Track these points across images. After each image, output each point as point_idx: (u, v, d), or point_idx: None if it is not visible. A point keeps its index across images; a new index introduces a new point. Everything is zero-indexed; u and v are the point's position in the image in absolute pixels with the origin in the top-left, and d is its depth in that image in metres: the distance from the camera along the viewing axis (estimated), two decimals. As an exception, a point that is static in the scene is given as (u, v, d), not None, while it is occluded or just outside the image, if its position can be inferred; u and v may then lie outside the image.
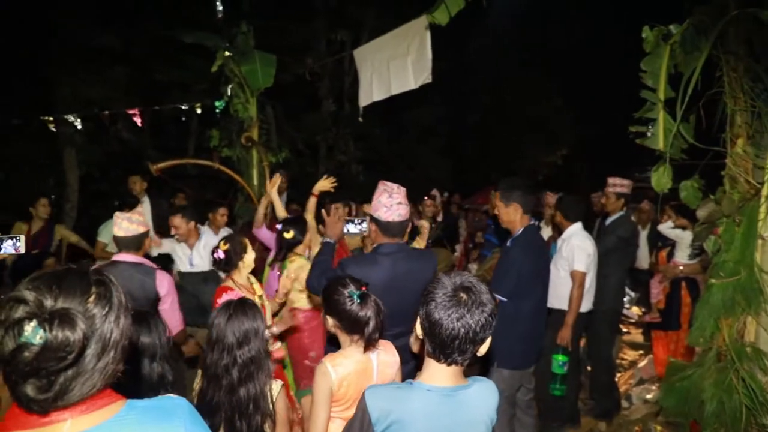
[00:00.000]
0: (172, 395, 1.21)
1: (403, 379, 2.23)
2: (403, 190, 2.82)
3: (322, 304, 2.21)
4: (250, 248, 3.33)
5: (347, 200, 6.01)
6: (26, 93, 8.11)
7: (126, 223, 3.07)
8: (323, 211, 3.27)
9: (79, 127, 7.21)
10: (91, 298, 0.99)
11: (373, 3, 11.37)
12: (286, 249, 3.73)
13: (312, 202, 4.23)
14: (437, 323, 1.49)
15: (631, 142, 3.39)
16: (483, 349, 1.56)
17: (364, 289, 2.10)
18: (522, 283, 3.17)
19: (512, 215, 3.29)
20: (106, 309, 1.00)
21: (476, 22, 12.12)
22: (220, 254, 3.21)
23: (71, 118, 6.91)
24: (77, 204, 8.24)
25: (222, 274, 3.58)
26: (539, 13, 14.70)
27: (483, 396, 1.63)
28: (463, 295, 1.50)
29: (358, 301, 2.05)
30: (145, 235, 3.19)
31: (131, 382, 1.84)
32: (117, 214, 3.17)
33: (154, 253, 4.13)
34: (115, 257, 3.17)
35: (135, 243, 3.10)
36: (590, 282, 4.12)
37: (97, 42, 8.09)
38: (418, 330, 1.61)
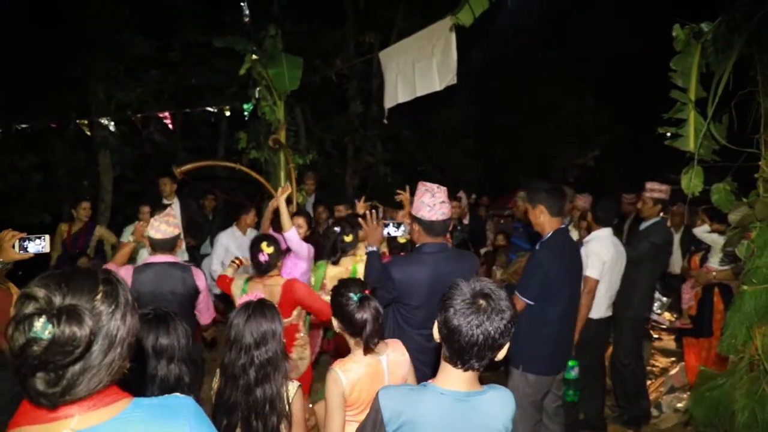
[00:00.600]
0: (178, 394, 1.23)
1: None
2: (444, 189, 2.88)
3: (331, 306, 2.25)
4: None
5: (351, 202, 6.06)
6: (62, 97, 8.39)
7: (164, 226, 3.27)
8: (360, 219, 3.29)
9: (113, 130, 7.41)
10: (99, 296, 1.02)
11: (402, 4, 11.36)
12: (341, 252, 3.84)
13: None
14: (456, 330, 1.48)
15: (662, 143, 3.31)
16: (501, 355, 1.55)
17: (366, 292, 2.11)
18: (549, 287, 3.11)
19: (539, 217, 3.25)
20: (113, 307, 1.03)
21: (504, 20, 11.99)
22: (265, 257, 3.26)
23: (106, 122, 7.11)
24: (111, 204, 8.47)
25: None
26: (569, 12, 14.45)
27: (498, 404, 1.62)
28: (482, 302, 1.49)
29: (357, 303, 2.07)
30: (179, 236, 3.38)
31: (146, 382, 1.89)
32: (154, 217, 3.36)
33: (179, 255, 4.20)
34: (150, 258, 3.35)
35: (170, 244, 3.30)
36: (606, 289, 4.03)
37: (131, 47, 8.30)
38: (436, 335, 1.60)
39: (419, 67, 4.90)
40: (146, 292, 3.12)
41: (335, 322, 2.19)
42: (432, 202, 2.79)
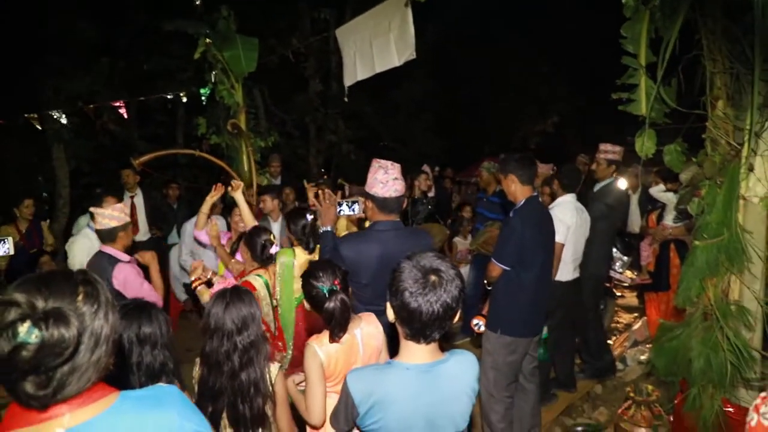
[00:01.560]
0: (162, 384, 1.26)
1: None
2: (397, 166, 2.88)
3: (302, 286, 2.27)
4: None
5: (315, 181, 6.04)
6: (9, 92, 8.03)
7: (100, 218, 3.34)
8: (313, 198, 3.28)
9: (65, 122, 7.16)
10: (80, 297, 1.03)
11: (355, -21, 11.20)
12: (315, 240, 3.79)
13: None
14: (416, 311, 1.52)
15: (617, 106, 3.42)
16: (455, 318, 1.61)
17: (336, 283, 2.13)
18: (524, 253, 3.22)
19: (510, 186, 3.33)
20: (95, 307, 1.05)
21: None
22: (274, 249, 3.32)
23: (56, 114, 6.86)
24: (69, 199, 8.23)
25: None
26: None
27: (461, 368, 1.69)
28: (434, 277, 1.54)
29: (326, 295, 2.10)
30: (119, 228, 3.37)
31: (133, 370, 1.92)
32: (93, 209, 3.45)
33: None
34: (99, 247, 3.46)
35: (109, 235, 3.36)
36: (572, 252, 4.19)
37: (79, 35, 7.97)
38: (391, 317, 1.64)
39: (377, 44, 4.88)
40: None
41: (306, 303, 2.23)
42: (385, 178, 2.79)
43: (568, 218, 4.09)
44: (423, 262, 1.57)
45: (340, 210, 3.21)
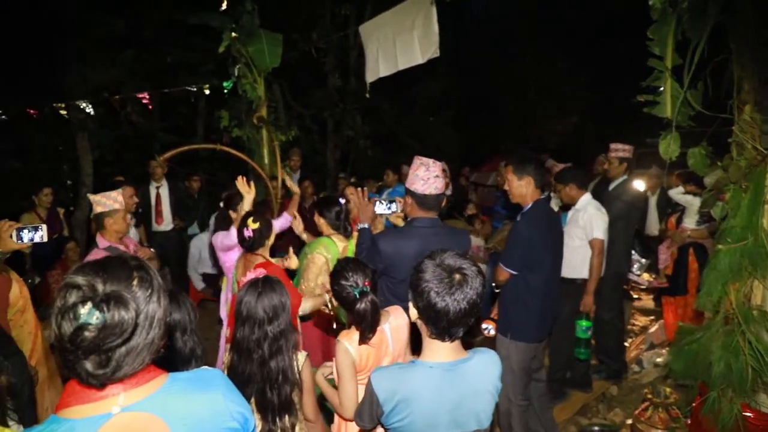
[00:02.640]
0: (207, 367, 1.32)
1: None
2: (439, 164, 2.89)
3: (330, 284, 2.30)
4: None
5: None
6: (37, 82, 8.18)
7: (93, 204, 3.45)
8: (351, 196, 3.24)
9: (91, 112, 7.28)
10: (135, 282, 1.09)
11: (376, -25, 11.20)
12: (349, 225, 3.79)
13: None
14: (443, 310, 1.55)
15: (640, 108, 3.42)
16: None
17: (367, 284, 2.16)
18: (532, 257, 3.20)
19: (524, 189, 3.30)
20: (149, 291, 1.10)
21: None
22: (250, 233, 3.17)
23: (82, 104, 6.98)
24: (93, 188, 8.38)
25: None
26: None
27: (485, 366, 1.71)
28: (458, 276, 1.57)
29: (357, 296, 2.13)
30: (105, 214, 3.44)
31: (168, 356, 1.98)
32: (90, 195, 3.53)
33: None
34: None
35: (97, 221, 3.48)
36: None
37: (106, 26, 8.09)
38: (414, 316, 1.68)
39: (400, 41, 4.90)
40: None
41: (334, 300, 2.27)
42: (426, 175, 2.80)
43: (605, 214, 4.11)
44: (447, 261, 1.61)
45: (378, 208, 3.19)
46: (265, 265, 3.14)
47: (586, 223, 4.06)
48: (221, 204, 4.44)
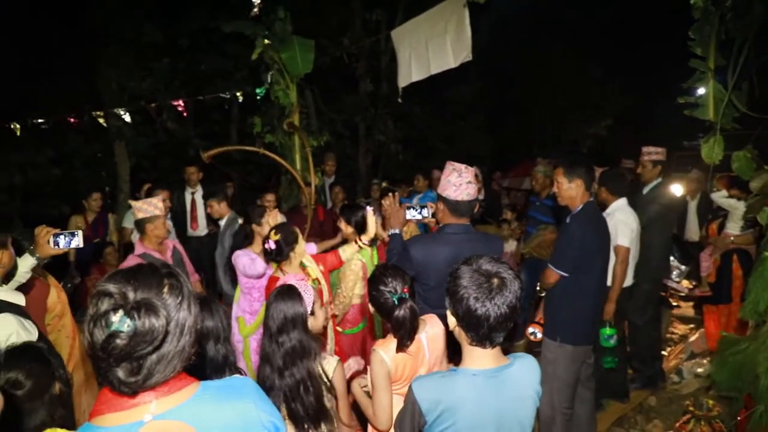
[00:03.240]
0: (238, 375, 1.32)
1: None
2: (471, 170, 2.86)
3: (368, 291, 2.27)
4: (300, 237, 3.35)
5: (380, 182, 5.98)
6: (75, 90, 8.45)
7: (134, 210, 3.66)
8: (383, 201, 3.24)
9: (128, 119, 7.48)
10: (165, 289, 1.09)
11: (408, -20, 11.22)
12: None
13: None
14: (484, 316, 1.53)
15: (677, 110, 3.32)
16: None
17: (406, 290, 2.13)
18: (583, 259, 3.13)
19: (574, 191, 3.23)
20: (180, 298, 1.11)
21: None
22: (272, 245, 3.19)
23: (120, 112, 7.18)
24: (129, 194, 8.60)
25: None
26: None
27: (526, 372, 1.69)
28: (497, 280, 1.55)
29: (395, 303, 2.11)
30: (146, 220, 3.63)
31: (200, 363, 1.99)
32: (131, 201, 3.77)
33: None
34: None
35: (138, 227, 3.71)
36: (632, 257, 4.07)
37: (143, 37, 8.32)
38: (452, 323, 1.65)
39: (432, 45, 4.89)
40: None
41: (372, 308, 2.24)
42: (458, 182, 2.78)
43: (632, 221, 3.99)
44: (484, 266, 1.58)
45: (410, 213, 3.17)
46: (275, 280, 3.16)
47: (612, 229, 3.93)
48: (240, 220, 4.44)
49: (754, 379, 2.93)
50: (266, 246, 3.23)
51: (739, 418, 3.14)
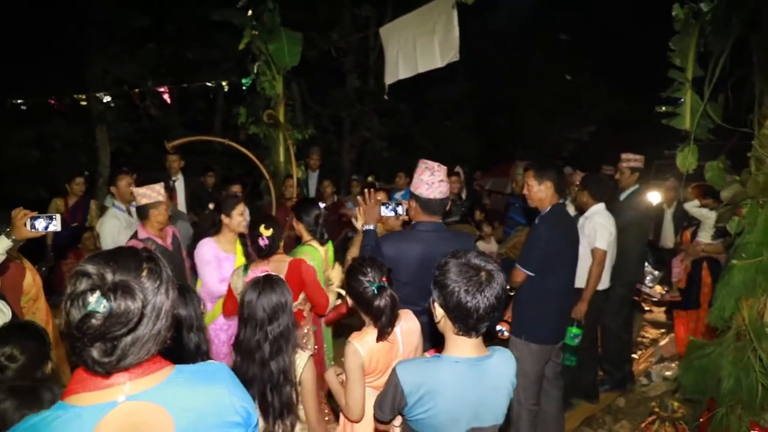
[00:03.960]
0: (213, 361, 1.34)
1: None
2: (444, 168, 2.89)
3: (345, 283, 2.29)
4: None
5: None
6: (59, 73, 8.32)
7: (137, 196, 3.62)
8: (358, 197, 3.23)
9: (111, 104, 7.39)
10: (144, 273, 1.11)
11: (397, -23, 11.23)
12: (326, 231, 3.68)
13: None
14: (474, 308, 1.59)
15: (659, 118, 3.39)
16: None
17: (384, 280, 2.16)
18: (549, 259, 3.21)
19: (543, 193, 3.32)
20: (158, 282, 1.12)
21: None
22: (265, 241, 3.09)
23: (103, 96, 7.08)
24: (109, 179, 8.51)
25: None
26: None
27: (503, 363, 1.76)
28: (484, 273, 1.62)
29: (375, 292, 2.13)
30: (150, 206, 3.60)
31: (173, 351, 2.00)
32: (134, 188, 3.70)
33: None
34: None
35: (141, 213, 3.66)
36: (609, 260, 4.16)
37: (130, 22, 8.21)
38: (439, 315, 1.70)
39: (420, 44, 4.93)
40: None
41: (350, 301, 2.26)
42: (431, 180, 2.81)
43: (611, 225, 4.09)
44: (472, 260, 1.65)
45: (384, 210, 3.15)
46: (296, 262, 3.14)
47: (591, 232, 4.05)
48: (211, 206, 4.13)
49: (717, 382, 3.02)
50: (261, 243, 3.11)
51: (701, 419, 3.23)
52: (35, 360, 1.85)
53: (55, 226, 2.83)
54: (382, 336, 2.14)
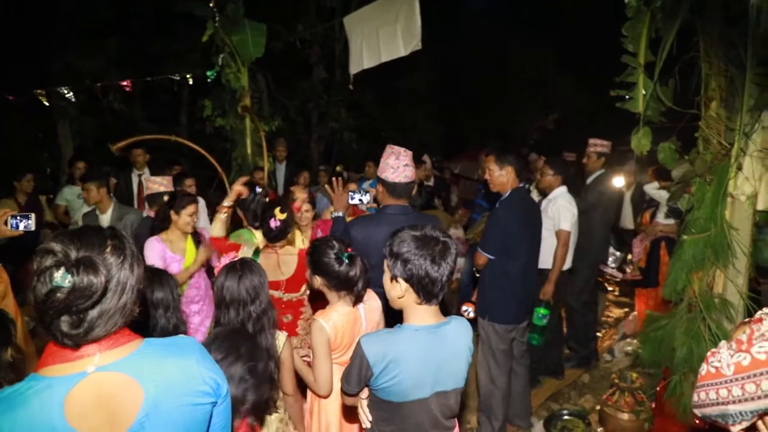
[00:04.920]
0: (183, 335, 1.39)
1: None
2: (409, 153, 2.98)
3: (309, 265, 2.35)
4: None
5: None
6: (18, 68, 8.08)
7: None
8: (327, 186, 3.30)
9: (72, 99, 7.22)
10: (108, 249, 1.15)
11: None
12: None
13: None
14: (426, 276, 1.69)
15: (616, 106, 3.52)
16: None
17: (349, 250, 2.25)
18: (509, 242, 3.32)
19: (504, 178, 3.43)
20: (121, 258, 1.17)
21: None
22: (276, 223, 3.06)
23: (64, 91, 6.92)
24: (71, 176, 8.33)
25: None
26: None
27: (461, 330, 1.86)
28: (441, 245, 1.72)
29: (347, 262, 2.21)
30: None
31: (149, 332, 2.04)
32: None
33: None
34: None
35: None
36: (572, 242, 4.31)
37: (89, 14, 8.01)
38: (397, 291, 1.76)
39: (383, 33, 4.97)
40: None
41: (319, 279, 2.31)
42: (396, 164, 2.90)
43: (573, 207, 4.23)
44: (429, 233, 1.75)
45: (353, 198, 3.25)
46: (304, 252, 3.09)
47: (555, 214, 4.19)
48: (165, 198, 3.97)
49: (671, 352, 3.18)
50: (272, 224, 3.07)
51: (658, 388, 3.40)
52: None
53: (31, 225, 2.82)
54: (358, 300, 2.24)
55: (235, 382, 1.90)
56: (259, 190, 3.65)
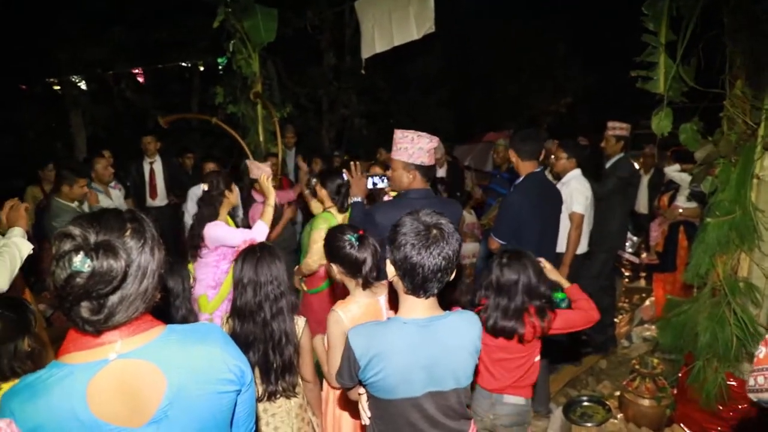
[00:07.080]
0: (204, 321, 1.35)
1: None
2: (436, 138, 2.90)
3: (325, 254, 2.32)
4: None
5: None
6: (28, 59, 8.09)
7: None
8: (345, 170, 3.30)
9: (84, 87, 7.23)
10: (128, 233, 1.12)
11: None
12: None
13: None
14: (418, 264, 1.59)
15: (636, 88, 3.43)
16: (453, 274, 1.69)
17: (361, 233, 2.21)
18: (520, 227, 3.26)
19: (513, 160, 3.43)
20: (142, 242, 1.14)
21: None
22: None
23: (75, 80, 6.92)
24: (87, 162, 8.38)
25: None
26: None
27: (462, 324, 1.75)
28: (435, 231, 1.61)
29: (356, 243, 2.17)
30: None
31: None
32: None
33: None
34: None
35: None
36: (587, 224, 4.24)
37: (92, 5, 7.97)
38: (391, 273, 1.70)
39: (396, 17, 4.90)
40: None
41: (335, 268, 2.27)
42: (429, 146, 2.83)
43: (587, 189, 4.16)
44: (424, 218, 1.65)
45: (371, 182, 3.25)
46: None
47: (567, 197, 4.10)
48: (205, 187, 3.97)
49: (694, 337, 3.13)
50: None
51: (680, 374, 3.36)
52: (8, 332, 1.85)
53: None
54: (366, 284, 2.19)
55: None
56: (346, 176, 3.64)
